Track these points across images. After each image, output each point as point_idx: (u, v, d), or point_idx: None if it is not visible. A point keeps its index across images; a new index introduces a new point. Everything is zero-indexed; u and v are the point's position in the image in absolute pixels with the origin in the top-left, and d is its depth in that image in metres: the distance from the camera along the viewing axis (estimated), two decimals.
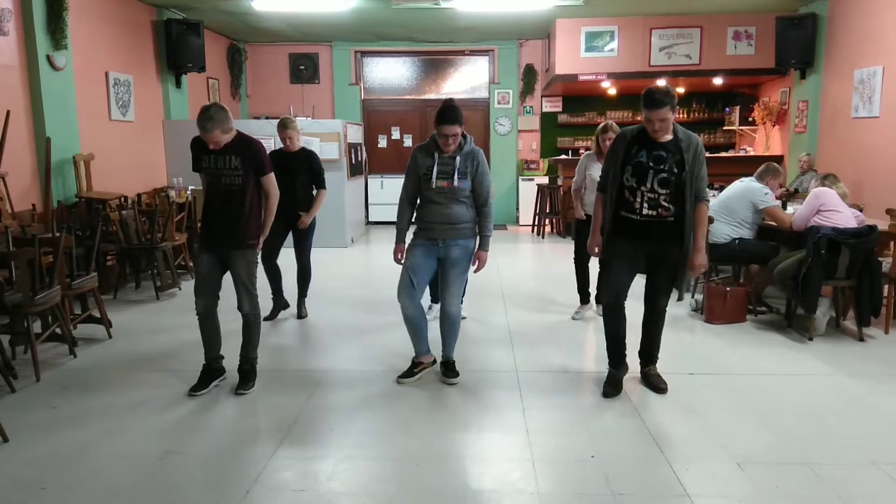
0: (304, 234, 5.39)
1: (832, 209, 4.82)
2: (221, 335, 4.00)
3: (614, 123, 5.12)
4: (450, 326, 3.98)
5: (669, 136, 3.58)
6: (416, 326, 3.98)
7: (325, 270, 7.37)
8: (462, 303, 5.15)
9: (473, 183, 3.79)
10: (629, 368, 3.95)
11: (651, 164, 3.56)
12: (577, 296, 5.51)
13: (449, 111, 3.65)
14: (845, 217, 4.81)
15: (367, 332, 5.05)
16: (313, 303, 5.72)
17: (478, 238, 3.93)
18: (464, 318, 5.15)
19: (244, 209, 3.78)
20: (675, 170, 3.54)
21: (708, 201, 3.73)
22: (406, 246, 3.93)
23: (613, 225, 3.71)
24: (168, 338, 4.93)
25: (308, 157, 5.35)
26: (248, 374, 3.95)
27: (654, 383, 3.85)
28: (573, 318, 5.38)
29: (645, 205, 3.60)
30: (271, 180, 3.86)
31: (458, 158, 3.73)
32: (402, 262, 3.91)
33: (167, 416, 3.57)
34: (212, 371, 3.95)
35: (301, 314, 5.51)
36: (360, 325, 5.23)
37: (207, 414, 3.60)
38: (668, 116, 3.48)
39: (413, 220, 3.98)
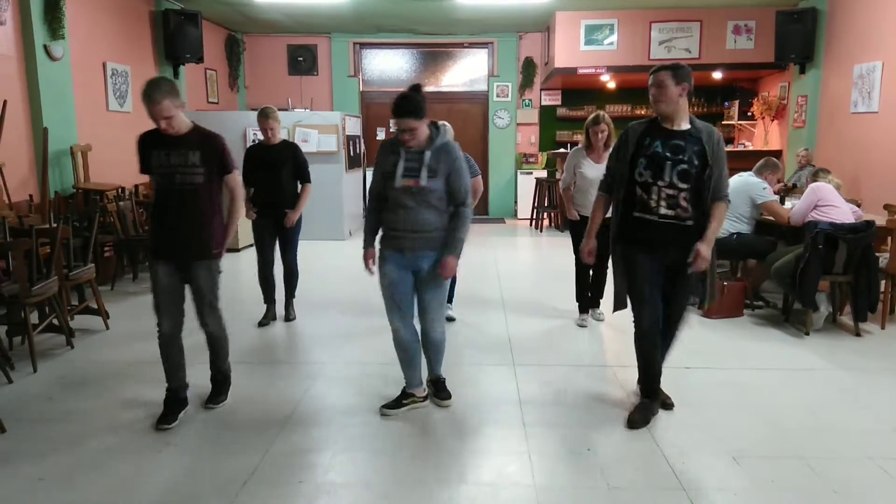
0: (290, 232, 5.03)
1: (829, 204, 4.82)
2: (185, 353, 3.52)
3: (605, 114, 4.83)
4: (434, 350, 3.52)
5: (687, 125, 3.21)
6: (407, 353, 3.47)
7: (322, 263, 7.38)
8: (451, 304, 5.01)
9: (448, 182, 3.21)
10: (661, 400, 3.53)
11: (668, 154, 3.15)
12: (577, 296, 5.14)
13: (400, 102, 3.09)
14: (842, 212, 4.81)
15: (365, 327, 5.04)
16: (313, 296, 5.73)
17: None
18: (453, 319, 5.01)
19: (207, 212, 3.29)
20: (696, 162, 3.13)
21: (728, 202, 3.27)
22: (376, 254, 3.43)
23: (627, 230, 3.29)
24: None
25: (292, 149, 5.01)
26: (221, 385, 3.61)
27: (661, 399, 3.48)
28: (578, 326, 5.04)
29: (662, 203, 3.16)
30: (237, 179, 3.42)
31: (427, 154, 3.16)
32: (374, 270, 3.43)
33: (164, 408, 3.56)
34: (179, 400, 3.44)
35: (289, 317, 5.18)
36: (357, 320, 5.23)
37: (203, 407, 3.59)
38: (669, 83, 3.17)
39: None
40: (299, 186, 5.06)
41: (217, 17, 9.92)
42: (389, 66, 11.55)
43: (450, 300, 5.02)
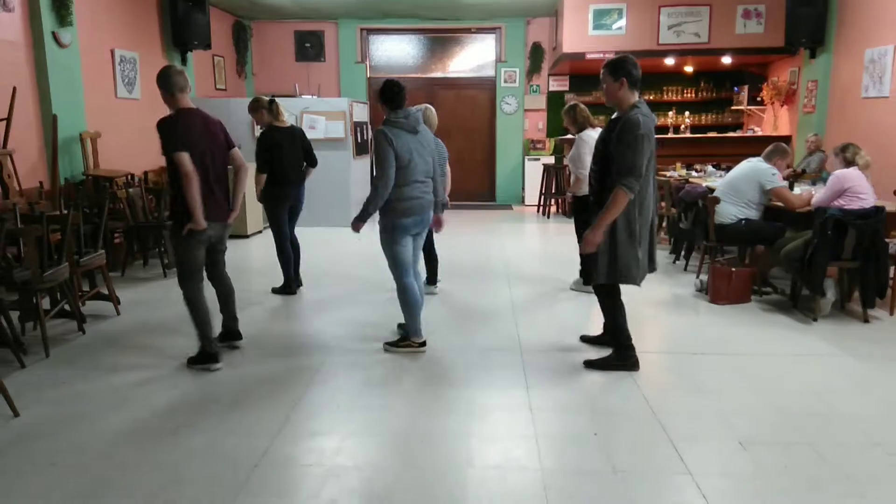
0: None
1: (857, 195, 4.73)
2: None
3: (568, 106, 5.51)
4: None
5: (618, 114, 3.58)
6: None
7: (330, 250, 7.41)
8: (433, 280, 5.59)
9: None
10: None
11: (599, 139, 3.75)
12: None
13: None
14: (869, 203, 4.72)
15: (375, 312, 5.06)
16: (322, 282, 5.79)
17: (382, 218, 4.00)
18: (434, 293, 5.52)
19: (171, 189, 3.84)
20: (600, 147, 3.66)
21: (626, 190, 3.45)
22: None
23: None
24: (176, 315, 4.95)
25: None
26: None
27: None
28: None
29: (592, 182, 3.79)
30: (177, 160, 3.63)
31: None
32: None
33: (175, 391, 3.61)
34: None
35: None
36: (366, 305, 5.25)
37: (214, 390, 3.64)
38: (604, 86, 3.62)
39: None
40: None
41: (224, 4, 9.90)
42: (397, 52, 11.51)
43: (433, 281, 5.60)
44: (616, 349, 3.89)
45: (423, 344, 4.18)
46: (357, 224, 3.98)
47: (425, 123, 4.98)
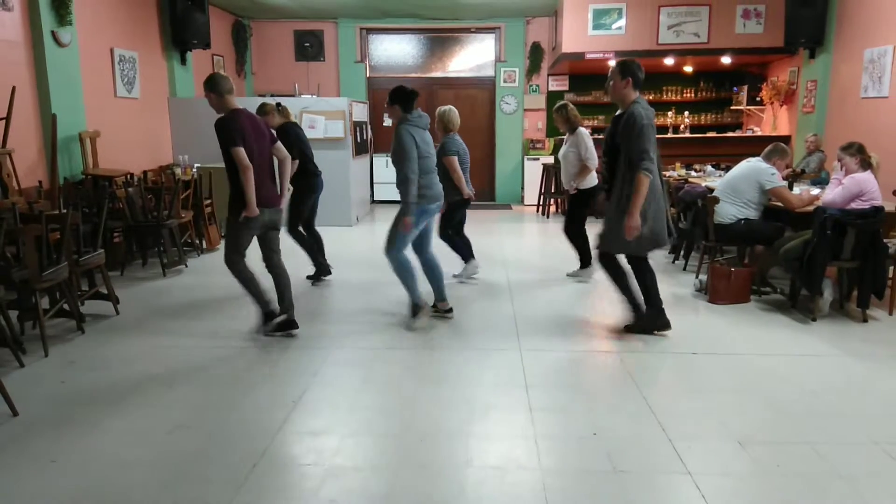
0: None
1: (870, 201, 4.80)
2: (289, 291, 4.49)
3: (560, 105, 5.93)
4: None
5: (622, 110, 4.13)
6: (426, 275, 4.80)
7: (330, 249, 7.38)
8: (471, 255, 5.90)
9: None
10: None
11: (608, 133, 4.31)
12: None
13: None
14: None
15: (374, 312, 5.07)
16: (322, 282, 5.78)
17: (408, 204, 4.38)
18: (458, 276, 5.87)
19: (233, 181, 4.19)
20: (610, 140, 4.18)
21: (645, 173, 3.98)
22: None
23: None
24: (175, 314, 4.97)
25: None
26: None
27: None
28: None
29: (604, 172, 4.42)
30: (235, 154, 4.03)
31: None
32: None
33: (174, 390, 3.61)
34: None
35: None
36: (366, 305, 5.25)
37: (214, 389, 3.64)
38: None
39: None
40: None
41: (223, 3, 9.90)
42: (396, 51, 11.51)
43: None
44: (649, 308, 4.35)
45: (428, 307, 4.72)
46: (407, 220, 4.35)
47: (449, 123, 5.71)
